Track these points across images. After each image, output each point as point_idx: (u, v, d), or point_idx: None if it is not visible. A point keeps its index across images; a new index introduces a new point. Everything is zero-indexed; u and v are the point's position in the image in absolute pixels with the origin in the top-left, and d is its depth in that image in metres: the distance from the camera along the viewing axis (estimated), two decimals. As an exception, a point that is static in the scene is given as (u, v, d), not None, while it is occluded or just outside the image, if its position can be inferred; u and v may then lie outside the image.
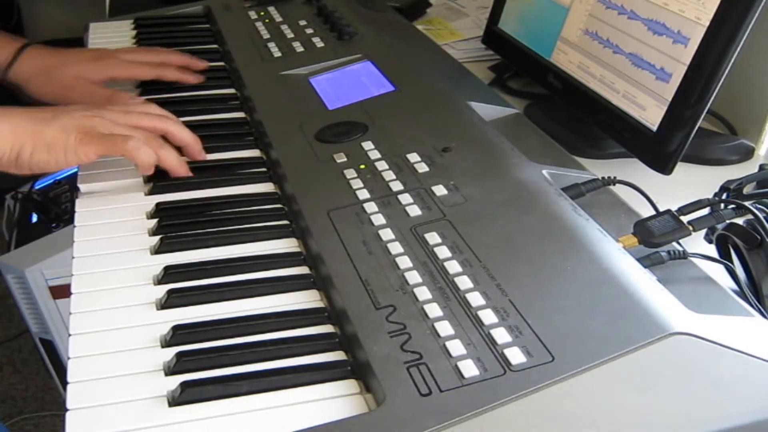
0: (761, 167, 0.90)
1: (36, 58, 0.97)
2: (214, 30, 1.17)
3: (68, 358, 0.59)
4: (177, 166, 0.80)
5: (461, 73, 1.05)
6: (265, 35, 1.10)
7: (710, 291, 0.63)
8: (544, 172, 0.74)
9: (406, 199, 0.71)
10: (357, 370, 0.57)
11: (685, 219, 0.67)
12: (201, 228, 0.73)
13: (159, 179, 0.80)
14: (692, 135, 0.81)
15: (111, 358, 0.59)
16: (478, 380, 0.52)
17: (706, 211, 0.70)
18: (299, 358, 0.58)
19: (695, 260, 0.66)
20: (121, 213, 0.76)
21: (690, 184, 0.88)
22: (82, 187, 0.80)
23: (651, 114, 0.85)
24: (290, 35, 1.10)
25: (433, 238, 0.65)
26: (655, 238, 0.65)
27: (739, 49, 0.77)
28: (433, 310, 0.58)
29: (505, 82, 1.17)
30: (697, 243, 0.76)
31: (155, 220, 0.74)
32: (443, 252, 0.63)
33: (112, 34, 1.17)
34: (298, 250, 0.71)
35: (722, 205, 0.71)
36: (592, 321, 0.55)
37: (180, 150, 0.82)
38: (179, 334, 0.60)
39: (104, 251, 0.71)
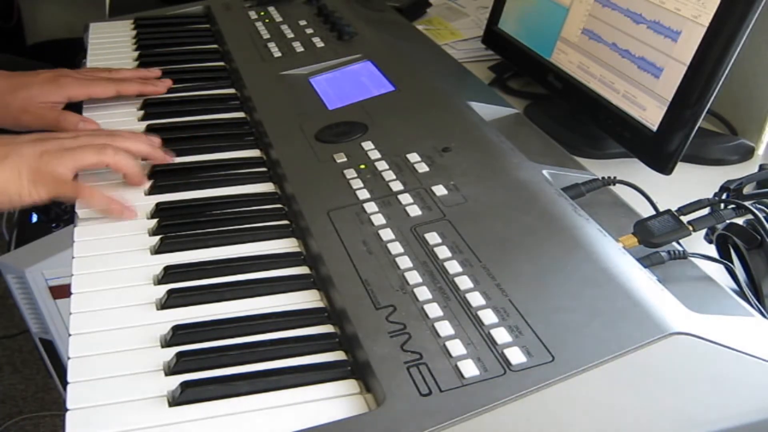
0: (761, 167, 0.90)
1: None
2: (214, 30, 1.18)
3: (68, 358, 0.59)
4: (134, 174, 0.78)
5: (461, 73, 1.05)
6: (265, 35, 1.10)
7: (710, 291, 0.63)
8: (544, 172, 0.74)
9: (406, 199, 0.71)
10: (357, 370, 0.57)
11: (685, 219, 0.67)
12: (201, 228, 0.73)
13: (159, 179, 0.80)
14: (692, 135, 0.81)
15: (111, 358, 0.59)
16: (478, 380, 0.52)
17: (706, 211, 0.70)
18: (299, 358, 0.58)
19: (695, 260, 0.66)
20: (121, 213, 0.76)
21: (690, 184, 0.88)
22: (82, 186, 0.80)
23: (651, 114, 0.85)
24: (290, 35, 1.10)
25: (433, 238, 0.65)
26: (655, 238, 0.65)
27: (739, 48, 0.77)
28: (433, 310, 0.58)
29: (505, 82, 1.17)
30: (697, 243, 0.76)
31: (155, 220, 0.74)
32: (443, 252, 0.63)
33: (112, 34, 1.17)
34: (298, 250, 0.71)
35: (722, 205, 0.71)
36: (592, 321, 0.55)
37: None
38: (179, 334, 0.60)
39: (104, 251, 0.71)
